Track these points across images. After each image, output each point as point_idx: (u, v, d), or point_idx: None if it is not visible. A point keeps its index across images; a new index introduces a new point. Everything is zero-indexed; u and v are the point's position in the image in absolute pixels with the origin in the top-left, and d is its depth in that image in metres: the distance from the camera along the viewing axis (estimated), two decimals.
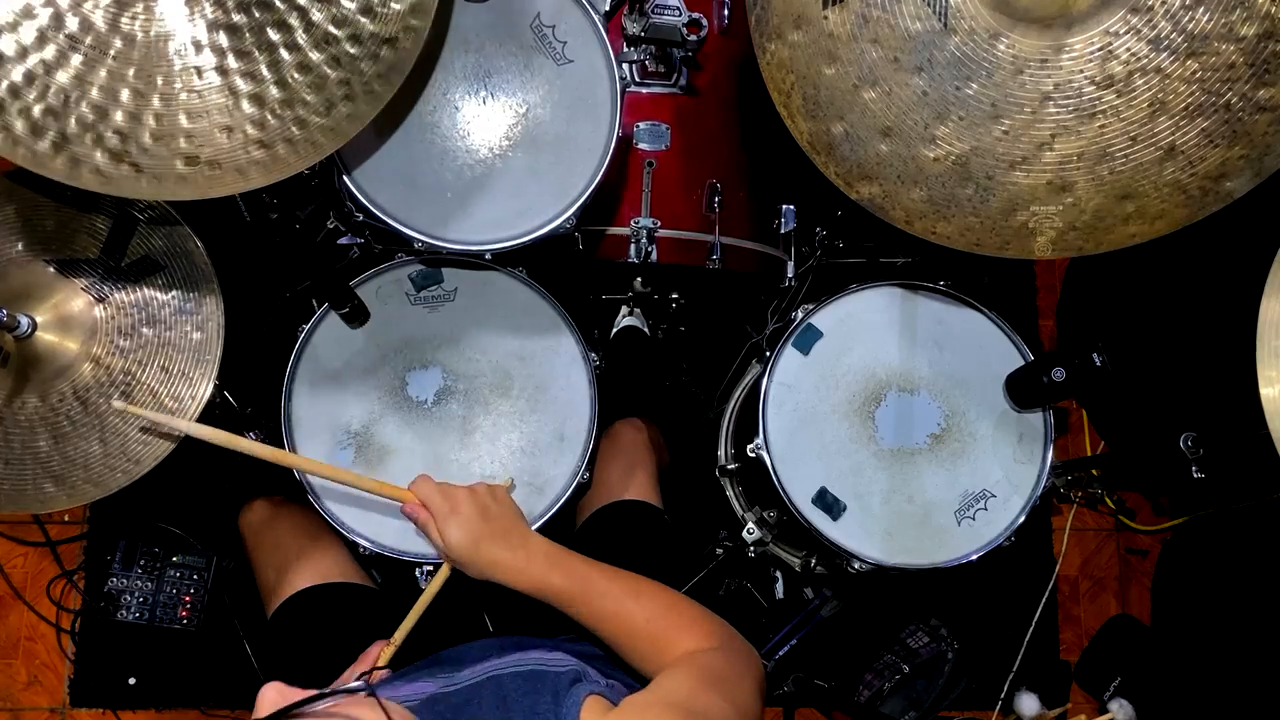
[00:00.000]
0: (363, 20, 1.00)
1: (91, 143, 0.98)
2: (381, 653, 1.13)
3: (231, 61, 0.99)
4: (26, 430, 1.17)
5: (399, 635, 1.14)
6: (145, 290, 1.21)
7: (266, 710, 0.73)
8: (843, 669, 1.90)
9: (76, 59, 0.97)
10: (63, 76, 0.97)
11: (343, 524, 1.25)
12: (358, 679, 1.06)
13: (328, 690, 0.77)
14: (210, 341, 1.20)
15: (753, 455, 1.33)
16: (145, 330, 1.20)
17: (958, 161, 1.11)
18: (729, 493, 1.67)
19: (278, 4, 0.99)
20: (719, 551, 1.83)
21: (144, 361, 1.19)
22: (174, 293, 1.21)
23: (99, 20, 0.97)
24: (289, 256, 1.55)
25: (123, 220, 1.21)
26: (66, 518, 1.94)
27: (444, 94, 1.21)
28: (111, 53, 0.97)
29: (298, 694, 0.76)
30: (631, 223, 1.34)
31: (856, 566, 1.30)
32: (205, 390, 1.19)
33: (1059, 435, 1.37)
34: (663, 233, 1.35)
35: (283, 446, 1.27)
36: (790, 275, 1.58)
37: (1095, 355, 1.24)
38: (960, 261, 1.21)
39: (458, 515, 1.07)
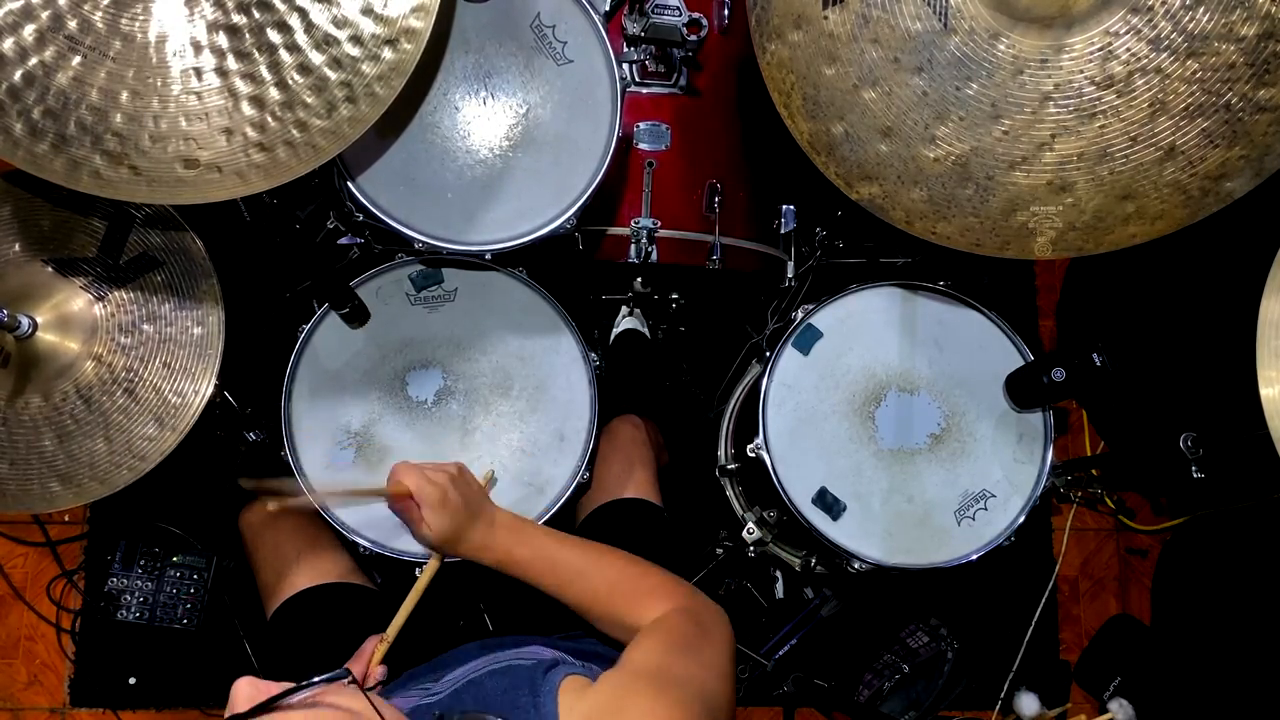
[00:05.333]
0: (364, 21, 0.99)
1: (90, 145, 0.98)
2: (376, 649, 1.14)
3: (231, 63, 0.99)
4: (31, 430, 1.17)
5: (392, 630, 1.14)
6: (144, 287, 1.21)
7: (243, 705, 0.74)
8: (843, 669, 1.90)
9: (76, 60, 0.97)
10: (62, 78, 0.97)
11: (343, 524, 1.25)
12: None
13: (304, 683, 0.77)
14: (211, 337, 1.20)
15: (753, 455, 1.33)
16: (146, 327, 1.20)
17: (958, 161, 1.11)
18: (729, 493, 1.67)
19: (278, 5, 0.99)
20: (719, 551, 1.83)
21: (146, 358, 1.19)
22: (173, 289, 1.21)
23: (98, 21, 0.97)
24: (289, 256, 1.55)
25: (119, 219, 1.21)
26: (67, 518, 1.94)
27: (444, 94, 1.21)
28: (111, 54, 0.97)
29: (272, 688, 0.76)
30: (631, 223, 1.34)
31: (856, 566, 1.30)
32: (208, 386, 1.19)
33: (1059, 435, 1.37)
34: (663, 233, 1.35)
35: (282, 446, 1.27)
36: (790, 275, 1.58)
37: (1095, 355, 1.24)
38: (960, 261, 1.21)
39: (446, 506, 1.11)
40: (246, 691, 0.76)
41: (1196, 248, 1.46)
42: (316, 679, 0.78)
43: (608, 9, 1.29)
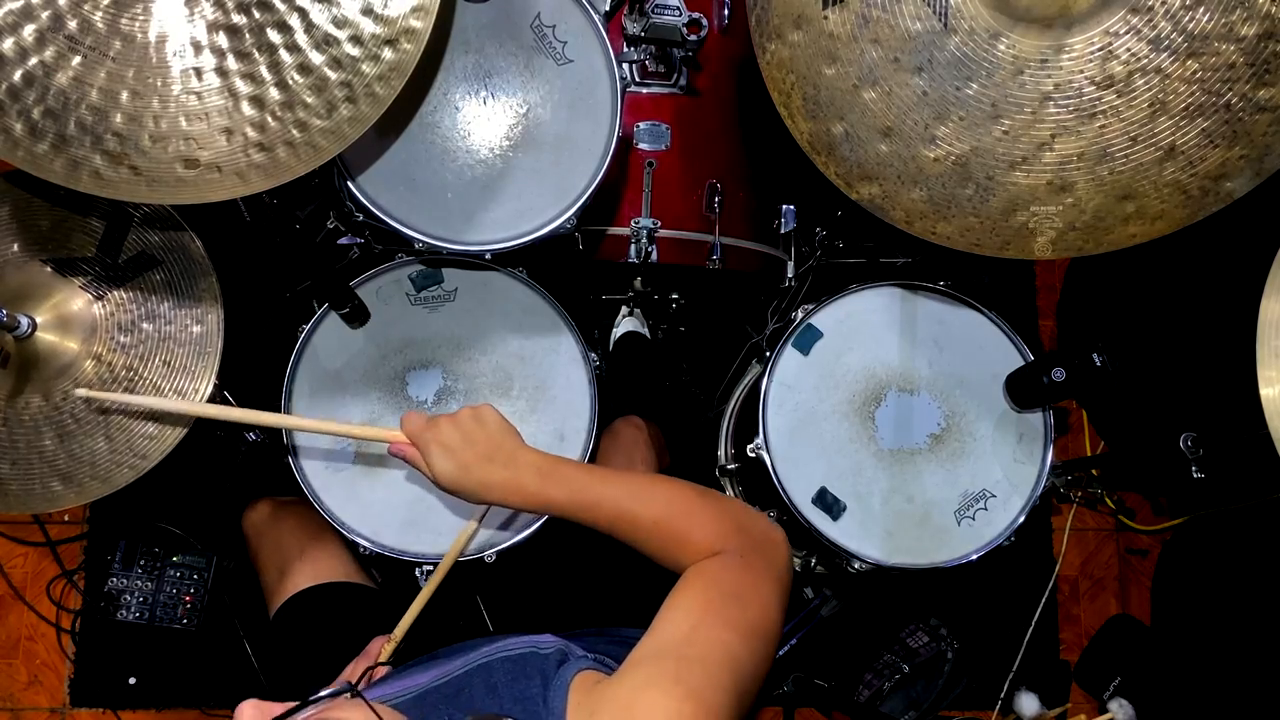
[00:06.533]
0: (364, 21, 0.99)
1: (90, 145, 0.98)
2: (382, 649, 1.14)
3: (231, 63, 0.99)
4: (31, 430, 1.17)
5: (399, 631, 1.14)
6: (143, 286, 1.21)
7: None
8: (843, 669, 1.90)
9: (76, 60, 0.97)
10: (62, 78, 0.97)
11: (343, 524, 1.25)
12: (355, 679, 1.07)
13: (310, 699, 0.75)
14: (211, 335, 1.21)
15: (753, 455, 1.33)
16: (145, 326, 1.20)
17: (958, 161, 1.11)
18: (729, 493, 1.68)
19: (278, 5, 0.99)
20: None
21: (146, 357, 1.19)
22: (172, 287, 1.21)
23: (98, 21, 0.97)
24: (289, 256, 1.55)
25: (117, 218, 1.21)
26: (67, 518, 1.94)
27: (444, 94, 1.21)
28: (111, 54, 0.97)
29: (276, 708, 0.74)
30: (631, 223, 1.34)
31: (856, 566, 1.30)
32: (208, 384, 1.19)
33: (1059, 435, 1.37)
34: (663, 233, 1.35)
35: (282, 446, 1.27)
36: (790, 275, 1.58)
37: (1095, 355, 1.24)
38: (960, 261, 1.20)
39: (439, 443, 1.02)
40: (251, 715, 0.74)
41: (1196, 248, 1.46)
42: (320, 694, 0.76)
43: (608, 9, 1.29)
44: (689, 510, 0.96)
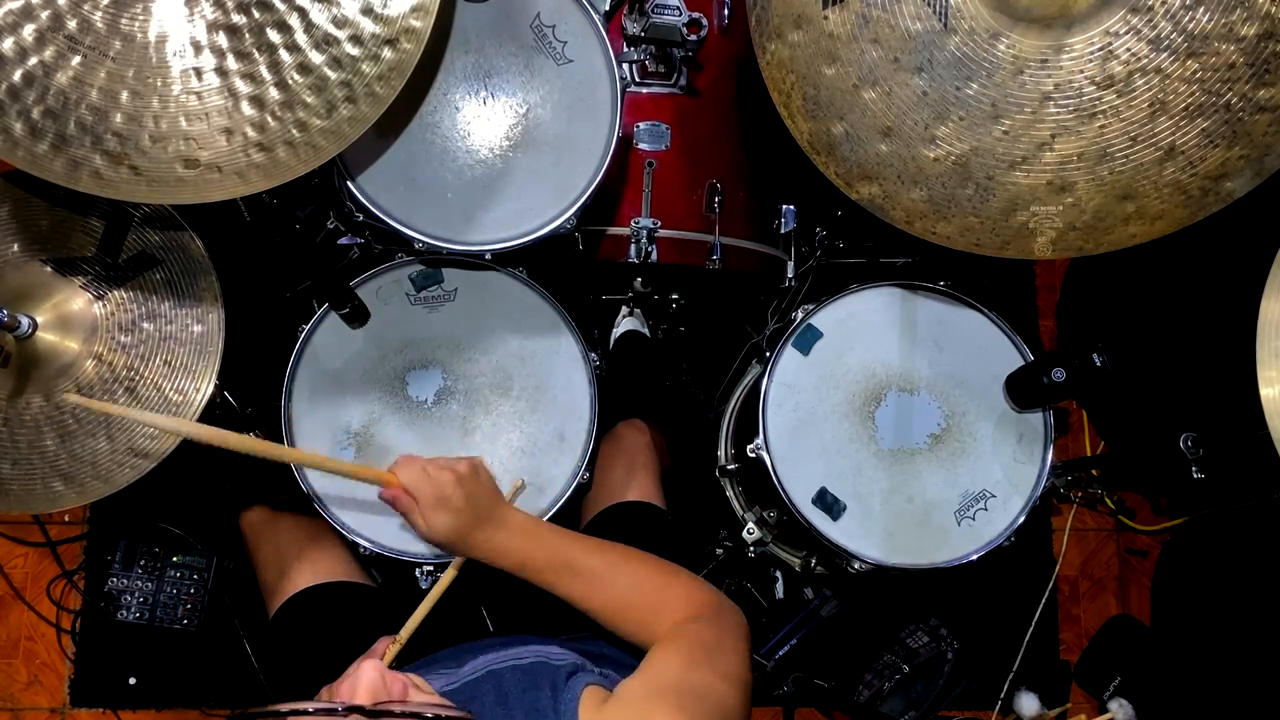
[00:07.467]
0: (364, 21, 0.99)
1: (90, 145, 0.98)
2: (387, 650, 1.13)
3: (231, 63, 0.99)
4: (32, 430, 1.17)
5: (405, 633, 1.14)
6: (144, 286, 1.21)
7: (363, 694, 0.74)
8: (843, 669, 1.90)
9: (76, 60, 0.97)
10: (62, 78, 0.97)
11: (343, 525, 1.25)
12: None
13: (426, 714, 0.76)
14: (211, 334, 1.20)
15: (753, 455, 1.33)
16: (146, 325, 1.20)
17: (958, 161, 1.11)
18: (729, 493, 1.68)
19: (278, 5, 0.99)
20: (719, 551, 1.83)
21: (146, 357, 1.19)
22: (173, 286, 1.21)
23: (98, 21, 0.97)
24: (289, 256, 1.55)
25: (117, 218, 1.21)
26: (67, 518, 1.94)
27: (444, 94, 1.21)
28: (111, 54, 0.97)
29: (396, 683, 0.77)
30: (631, 223, 1.34)
31: (856, 566, 1.30)
32: (208, 384, 1.19)
33: (1059, 435, 1.37)
34: (663, 233, 1.35)
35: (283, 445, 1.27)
36: (790, 275, 1.58)
37: (1095, 355, 1.24)
38: (960, 261, 1.21)
39: (441, 499, 1.06)
40: (371, 679, 0.76)
41: (1196, 248, 1.46)
42: (443, 711, 0.77)
43: (608, 9, 1.29)
44: (662, 582, 1.04)
